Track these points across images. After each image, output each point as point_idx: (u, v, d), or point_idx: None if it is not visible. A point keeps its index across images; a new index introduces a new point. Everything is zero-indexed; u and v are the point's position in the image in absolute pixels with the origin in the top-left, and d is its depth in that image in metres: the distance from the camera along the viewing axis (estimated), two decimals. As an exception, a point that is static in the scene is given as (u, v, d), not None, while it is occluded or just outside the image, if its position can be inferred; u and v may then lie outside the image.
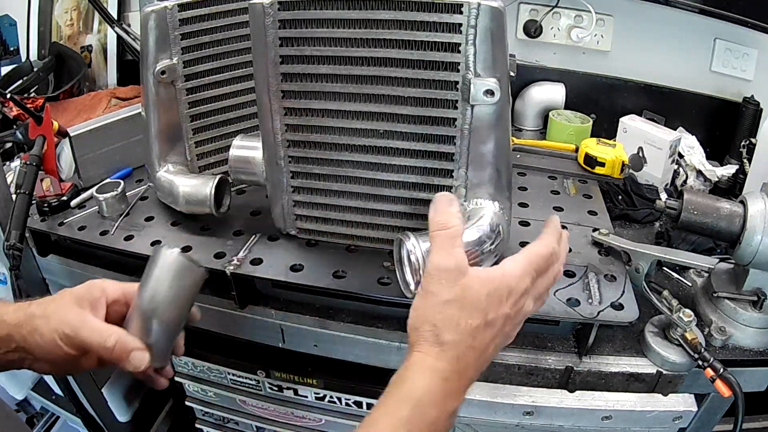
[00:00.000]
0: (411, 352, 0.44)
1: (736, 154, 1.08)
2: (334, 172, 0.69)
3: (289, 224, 0.75)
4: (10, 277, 0.80)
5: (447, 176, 0.65)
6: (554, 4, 1.16)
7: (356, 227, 0.73)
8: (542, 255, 0.48)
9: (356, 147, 0.66)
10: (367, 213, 0.71)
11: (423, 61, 0.59)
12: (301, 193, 0.72)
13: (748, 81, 1.11)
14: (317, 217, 0.74)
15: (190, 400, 1.13)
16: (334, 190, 0.71)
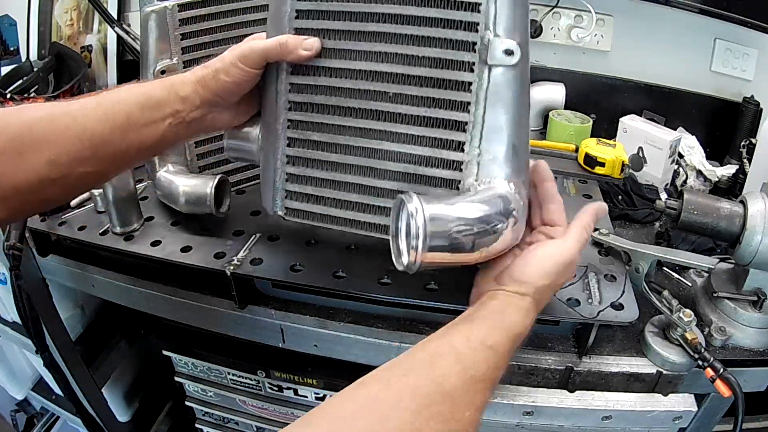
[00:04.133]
0: (512, 296, 0.53)
1: (736, 154, 1.08)
2: (334, 139, 0.62)
3: (278, 203, 0.66)
4: (10, 277, 0.80)
5: (458, 150, 0.58)
6: (554, 4, 1.16)
7: (353, 209, 0.64)
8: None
9: (362, 111, 0.61)
10: (367, 192, 0.63)
11: (440, 20, 0.56)
12: (296, 165, 0.65)
13: (748, 81, 1.11)
14: (310, 195, 0.65)
15: (190, 400, 1.13)
16: (332, 161, 0.63)
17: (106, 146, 0.53)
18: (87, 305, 1.14)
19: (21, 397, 1.32)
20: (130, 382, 1.29)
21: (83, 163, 0.52)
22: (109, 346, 1.17)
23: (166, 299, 0.82)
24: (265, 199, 0.67)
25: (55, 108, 0.52)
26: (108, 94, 0.55)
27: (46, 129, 0.50)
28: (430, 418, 0.40)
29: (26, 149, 0.49)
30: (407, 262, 0.50)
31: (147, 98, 0.55)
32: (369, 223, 0.63)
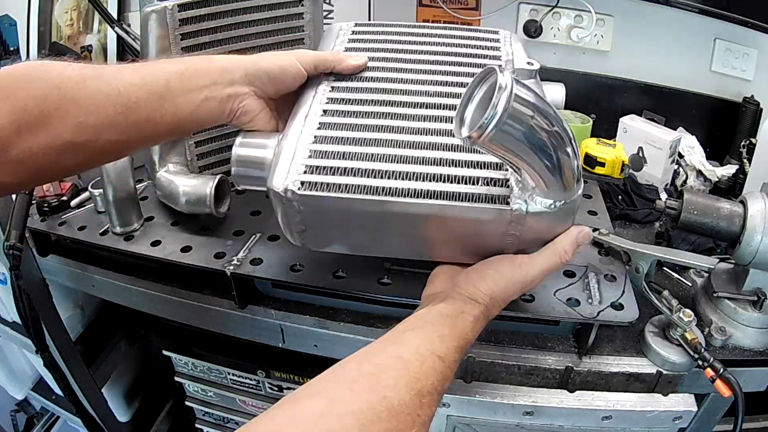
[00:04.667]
0: (465, 302, 0.52)
1: (736, 154, 1.08)
2: (366, 122, 0.56)
3: (291, 177, 0.51)
4: (10, 277, 0.80)
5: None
6: (554, 4, 1.16)
7: (378, 177, 0.51)
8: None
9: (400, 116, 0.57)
10: (396, 161, 0.52)
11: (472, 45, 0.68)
12: (322, 143, 0.54)
13: (748, 81, 1.11)
14: (331, 167, 0.52)
15: (190, 400, 1.13)
16: (361, 137, 0.54)
17: (140, 112, 0.50)
18: (87, 305, 1.14)
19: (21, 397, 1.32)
20: (130, 382, 1.29)
21: (111, 129, 0.49)
22: (109, 346, 1.17)
23: (166, 299, 0.82)
24: (275, 178, 0.52)
25: (86, 69, 0.49)
26: (147, 62, 0.54)
27: (76, 89, 0.47)
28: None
29: (52, 109, 0.45)
30: (470, 134, 0.42)
31: (187, 67, 0.54)
32: (394, 188, 0.50)
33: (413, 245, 0.56)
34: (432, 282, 0.58)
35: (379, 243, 0.56)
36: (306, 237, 0.55)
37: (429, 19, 1.25)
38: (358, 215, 0.51)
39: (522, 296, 0.67)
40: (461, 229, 0.52)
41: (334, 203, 0.50)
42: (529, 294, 0.68)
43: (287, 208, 0.51)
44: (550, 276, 0.71)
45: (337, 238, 0.57)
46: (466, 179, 0.50)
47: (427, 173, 0.50)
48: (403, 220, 0.51)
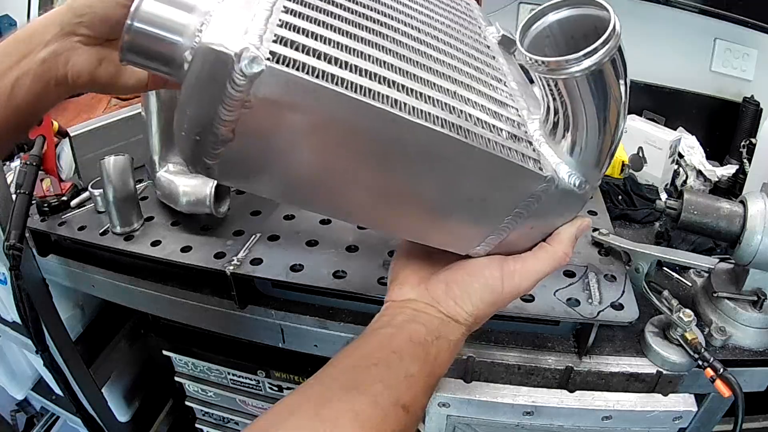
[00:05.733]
0: (443, 322, 0.42)
1: (736, 154, 1.08)
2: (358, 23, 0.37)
3: (255, 46, 0.28)
4: (10, 277, 0.80)
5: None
6: (554, 4, 1.16)
7: (368, 78, 0.33)
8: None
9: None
10: (391, 69, 0.34)
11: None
12: (297, 17, 0.33)
13: (748, 81, 1.11)
14: (311, 48, 0.31)
15: (190, 400, 1.13)
16: (350, 31, 0.35)
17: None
18: (87, 305, 1.14)
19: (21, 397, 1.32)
20: (130, 382, 1.29)
21: None
22: (109, 346, 1.17)
23: (166, 299, 0.82)
24: (222, 35, 0.28)
25: None
26: None
27: None
28: None
29: None
30: (566, 59, 0.35)
31: (13, 38, 0.44)
32: (411, 106, 0.33)
33: (387, 204, 0.38)
34: (398, 282, 0.45)
35: (339, 191, 0.36)
36: (226, 156, 0.30)
37: (429, 19, 1.24)
38: (343, 133, 0.31)
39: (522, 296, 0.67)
40: (466, 190, 0.38)
41: (321, 101, 0.29)
42: (529, 294, 0.68)
43: (228, 92, 0.27)
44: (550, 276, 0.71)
45: (277, 168, 0.33)
46: (490, 126, 0.37)
47: (446, 103, 0.35)
48: (406, 156, 0.34)
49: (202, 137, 0.29)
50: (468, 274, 0.43)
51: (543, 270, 0.44)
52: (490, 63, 0.47)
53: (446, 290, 0.43)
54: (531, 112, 0.43)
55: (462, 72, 0.41)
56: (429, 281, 0.44)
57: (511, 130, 0.39)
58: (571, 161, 0.41)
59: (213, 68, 0.27)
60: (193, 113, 0.29)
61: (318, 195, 0.36)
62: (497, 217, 0.40)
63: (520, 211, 0.40)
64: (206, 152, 0.30)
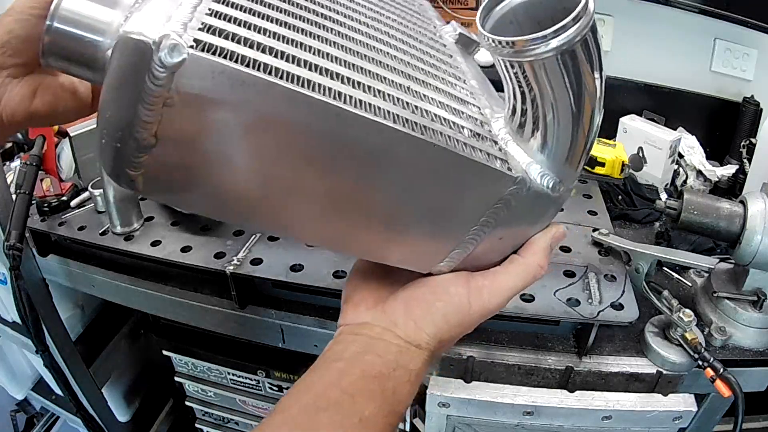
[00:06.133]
0: (402, 350, 0.37)
1: (736, 154, 1.08)
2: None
3: (174, 26, 0.25)
4: (10, 277, 0.80)
5: None
6: (554, 4, 1.16)
7: (307, 68, 0.28)
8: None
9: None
10: (332, 60, 0.30)
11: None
12: (228, 6, 0.29)
13: (748, 81, 1.11)
14: (243, 37, 0.27)
15: (190, 400, 1.13)
16: (293, 24, 0.31)
17: None
18: (87, 305, 1.14)
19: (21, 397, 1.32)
20: (130, 382, 1.29)
21: None
22: (109, 346, 1.17)
23: (166, 299, 0.82)
24: (141, 23, 0.25)
25: None
26: None
27: None
28: None
29: None
30: (531, 38, 0.32)
31: None
32: (361, 101, 0.29)
33: (336, 217, 0.32)
34: (352, 303, 0.40)
35: (280, 203, 0.31)
36: (149, 165, 0.26)
37: (429, 18, 1.25)
38: (280, 133, 0.27)
39: (522, 296, 0.67)
40: (425, 197, 0.33)
41: (253, 95, 0.25)
42: (529, 294, 0.68)
43: (147, 87, 0.24)
44: (550, 276, 0.71)
45: (208, 178, 0.28)
46: (450, 123, 0.33)
47: (398, 97, 0.31)
48: (353, 158, 0.29)
49: (122, 144, 0.25)
50: (430, 292, 0.38)
51: (515, 285, 0.39)
52: (447, 61, 0.43)
53: (405, 310, 0.37)
54: (494, 110, 0.39)
55: (416, 68, 0.37)
56: (386, 302, 0.39)
57: (473, 128, 0.34)
58: (543, 160, 0.37)
59: (131, 61, 0.24)
60: (112, 116, 0.25)
61: (257, 209, 0.31)
62: (462, 228, 0.36)
63: (487, 220, 0.36)
64: (128, 161, 0.25)
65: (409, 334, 0.36)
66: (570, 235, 0.81)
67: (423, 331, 0.37)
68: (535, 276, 0.39)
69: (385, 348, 0.36)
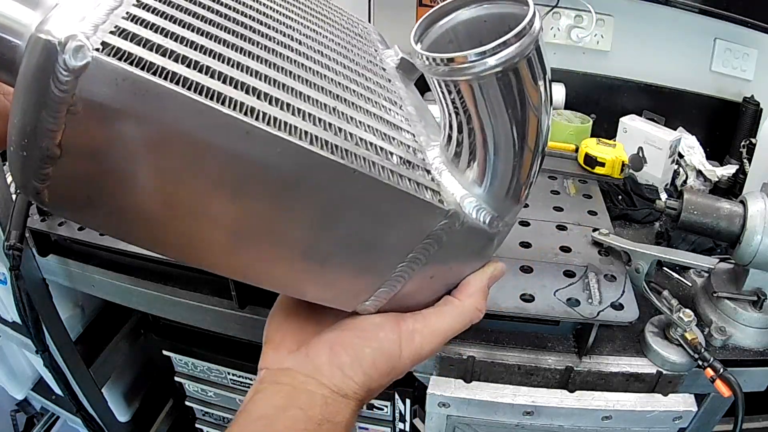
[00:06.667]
0: (328, 402, 0.34)
1: (736, 154, 1.08)
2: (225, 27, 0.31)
3: (84, 27, 0.23)
4: (10, 277, 0.80)
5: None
6: (554, 4, 1.16)
7: (260, 98, 0.27)
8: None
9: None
10: (282, 89, 0.29)
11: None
12: (147, 10, 0.27)
13: (748, 81, 1.11)
14: (157, 45, 0.25)
15: (190, 400, 1.13)
16: (215, 35, 0.29)
17: None
18: (87, 305, 1.14)
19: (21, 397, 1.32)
20: (130, 382, 1.29)
21: None
22: (109, 346, 1.17)
23: (166, 299, 0.82)
24: (50, 23, 0.23)
25: None
26: None
27: None
28: None
29: None
30: (467, 55, 0.29)
31: None
32: (279, 120, 0.27)
33: (247, 246, 0.31)
34: (273, 345, 0.37)
35: (188, 229, 0.29)
36: (55, 178, 0.24)
37: (429, 19, 1.24)
38: (187, 150, 0.25)
39: (522, 296, 0.67)
40: (346, 228, 0.31)
41: (160, 106, 0.24)
42: (529, 294, 0.68)
43: (51, 91, 0.22)
44: (550, 276, 0.71)
45: (113, 197, 0.26)
46: (377, 148, 0.30)
47: (320, 118, 0.29)
48: (266, 182, 0.27)
49: (27, 153, 0.23)
50: (358, 337, 0.35)
51: (450, 329, 0.37)
52: (384, 85, 0.41)
53: (331, 356, 0.34)
54: (431, 139, 0.37)
55: (348, 89, 0.34)
56: (310, 344, 0.36)
57: (404, 155, 0.32)
58: (480, 193, 0.34)
59: (38, 62, 0.22)
60: (18, 122, 0.23)
61: (163, 233, 0.29)
62: (387, 264, 0.33)
63: (416, 256, 0.33)
64: (33, 172, 0.24)
65: (335, 383, 0.34)
66: (570, 235, 0.81)
67: (351, 379, 0.34)
68: (471, 319, 0.37)
69: (309, 400, 0.33)
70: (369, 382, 0.34)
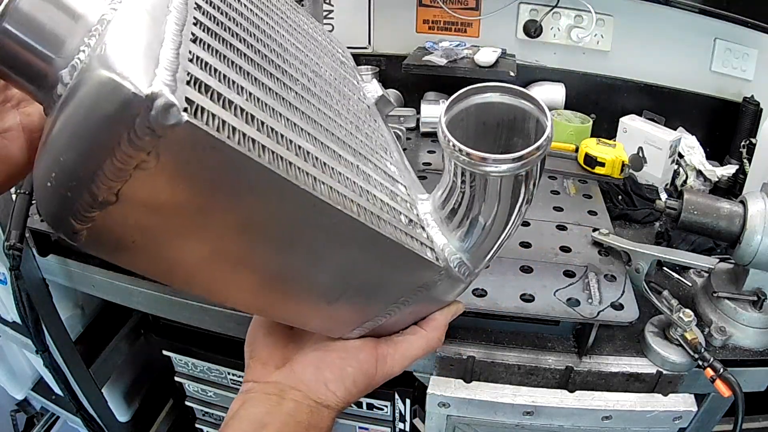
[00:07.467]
0: (312, 411, 0.38)
1: (736, 154, 1.08)
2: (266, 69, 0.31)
3: (164, 78, 0.20)
4: (10, 277, 0.80)
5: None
6: (554, 4, 1.16)
7: (291, 151, 0.27)
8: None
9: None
10: (310, 142, 0.30)
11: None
12: (207, 51, 0.25)
13: (748, 81, 1.10)
14: (226, 98, 0.23)
15: (190, 400, 1.13)
16: (263, 82, 0.29)
17: None
18: (87, 305, 1.14)
19: (21, 397, 1.32)
20: (130, 382, 1.29)
21: None
22: (109, 346, 1.17)
23: (166, 299, 0.82)
24: (135, 74, 0.20)
25: None
26: None
27: None
28: None
29: None
30: (495, 158, 0.33)
31: None
32: (306, 171, 0.27)
33: (276, 291, 0.33)
34: (260, 360, 0.41)
35: (227, 276, 0.29)
36: (99, 222, 0.23)
37: (429, 19, 1.25)
38: (253, 214, 0.26)
39: (522, 296, 0.67)
40: (362, 277, 0.34)
41: (239, 174, 0.23)
42: (529, 294, 0.68)
43: (124, 144, 0.20)
44: (550, 276, 0.71)
45: (161, 246, 0.26)
46: (393, 210, 0.34)
47: (354, 181, 0.31)
48: (313, 241, 0.30)
49: (73, 194, 0.21)
50: (341, 357, 0.40)
51: (416, 355, 0.43)
52: (375, 129, 0.44)
53: (316, 373, 0.39)
54: (415, 188, 0.41)
55: (356, 139, 0.37)
56: (295, 361, 0.40)
57: (407, 214, 0.36)
58: (463, 250, 0.39)
59: (108, 108, 0.20)
60: (67, 161, 0.21)
61: (198, 279, 0.29)
62: (382, 305, 0.38)
63: (406, 299, 0.38)
64: (76, 213, 0.22)
65: (319, 395, 0.38)
66: (570, 235, 0.81)
67: (334, 393, 0.39)
68: (433, 348, 0.43)
69: (296, 408, 0.37)
70: (348, 396, 0.39)
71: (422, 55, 1.16)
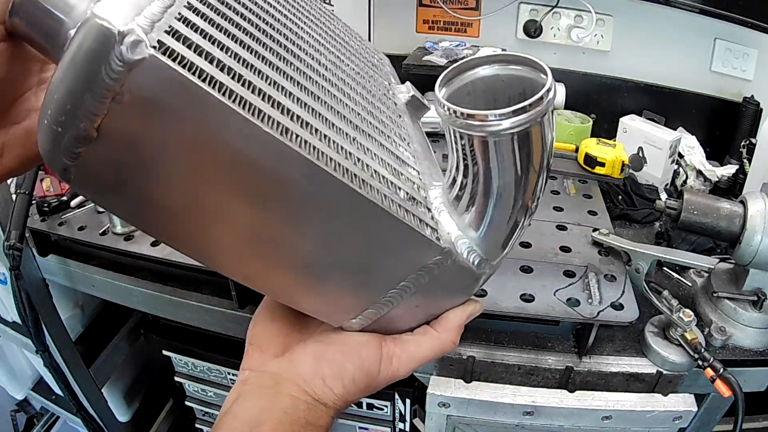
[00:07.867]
0: (310, 408, 0.36)
1: (736, 154, 1.08)
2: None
3: (141, 21, 0.24)
4: (10, 277, 0.80)
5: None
6: (554, 4, 1.16)
7: (276, 108, 0.28)
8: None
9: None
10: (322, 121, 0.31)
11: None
12: (200, 16, 0.27)
13: (748, 81, 1.11)
14: (213, 57, 0.26)
15: (190, 400, 1.13)
16: (263, 55, 0.31)
17: None
18: (87, 305, 1.14)
19: (21, 397, 1.32)
20: (130, 382, 1.29)
21: None
22: (109, 346, 1.17)
23: (166, 299, 0.82)
24: (107, 7, 0.24)
25: None
26: None
27: None
28: None
29: None
30: (492, 114, 0.31)
31: None
32: (277, 121, 0.27)
33: (257, 252, 0.32)
34: (259, 347, 0.39)
35: (205, 227, 0.30)
36: (86, 158, 0.25)
37: (429, 19, 1.25)
38: (223, 157, 0.27)
39: (522, 296, 0.67)
40: (349, 249, 0.33)
41: (205, 113, 0.25)
42: (529, 294, 0.68)
43: (100, 76, 0.23)
44: (550, 276, 0.71)
45: (141, 187, 0.28)
46: (388, 182, 0.33)
47: (343, 147, 0.31)
48: (287, 197, 0.29)
49: (63, 129, 0.25)
50: (341, 352, 0.37)
51: (425, 357, 0.39)
52: (395, 120, 0.43)
53: (315, 367, 0.37)
54: (433, 177, 0.40)
55: (365, 120, 0.37)
56: (294, 351, 0.38)
57: (410, 191, 0.35)
58: (474, 236, 0.37)
59: (91, 45, 0.23)
60: (59, 98, 0.24)
61: (179, 227, 0.30)
62: (380, 288, 0.35)
63: (407, 285, 0.35)
64: (65, 149, 0.25)
65: (317, 391, 0.36)
66: (570, 235, 0.81)
67: (331, 390, 0.36)
68: (445, 351, 0.40)
69: (292, 404, 0.35)
70: (346, 395, 0.37)
71: (422, 55, 1.16)
